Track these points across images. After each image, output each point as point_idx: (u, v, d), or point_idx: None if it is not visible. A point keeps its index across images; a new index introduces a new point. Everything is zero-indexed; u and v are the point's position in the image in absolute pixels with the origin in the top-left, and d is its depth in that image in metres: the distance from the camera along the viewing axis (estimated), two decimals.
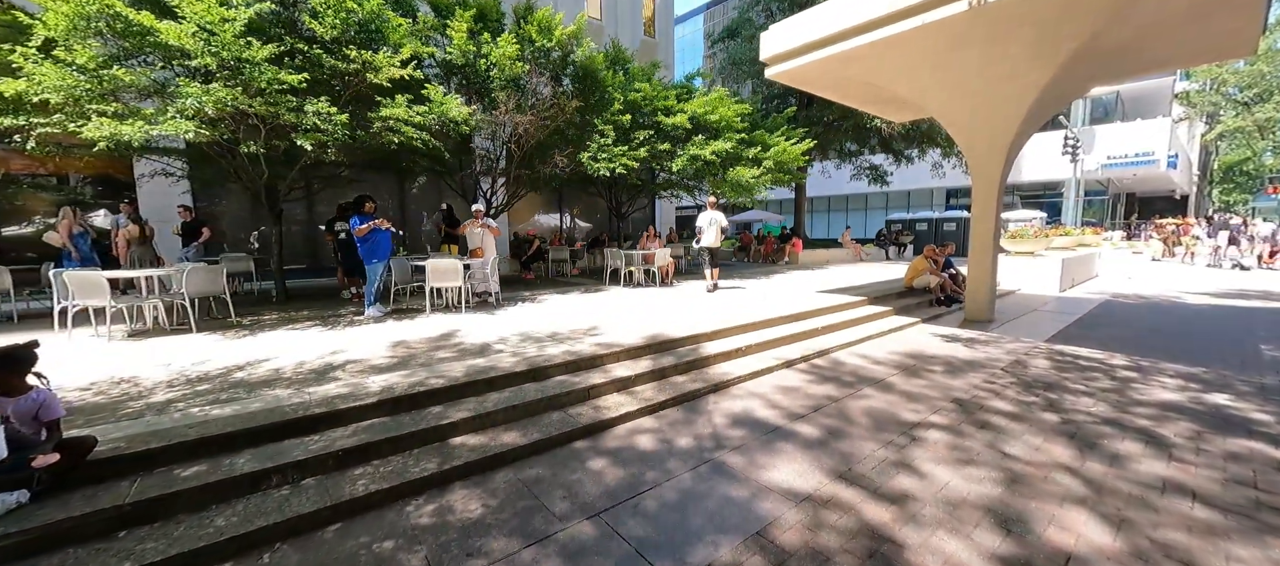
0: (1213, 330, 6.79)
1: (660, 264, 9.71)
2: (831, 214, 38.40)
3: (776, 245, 15.68)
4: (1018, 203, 30.09)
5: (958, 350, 5.76)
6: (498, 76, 7.96)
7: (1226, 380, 4.63)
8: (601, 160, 8.96)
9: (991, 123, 6.76)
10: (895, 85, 7.27)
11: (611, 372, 4.30)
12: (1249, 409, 3.95)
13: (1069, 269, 10.99)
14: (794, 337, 5.83)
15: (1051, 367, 5.05)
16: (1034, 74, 6.06)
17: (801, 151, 12.57)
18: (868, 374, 4.88)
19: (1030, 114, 6.48)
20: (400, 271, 7.06)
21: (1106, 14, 5.23)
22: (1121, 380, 4.66)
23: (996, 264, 7.36)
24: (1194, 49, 6.60)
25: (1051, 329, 6.91)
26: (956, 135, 7.29)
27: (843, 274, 11.94)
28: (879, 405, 4.04)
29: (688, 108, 10.33)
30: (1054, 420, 3.70)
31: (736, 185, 10.77)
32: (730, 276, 11.39)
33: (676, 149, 10.18)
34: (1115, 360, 5.31)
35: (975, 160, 7.12)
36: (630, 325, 5.72)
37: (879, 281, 9.88)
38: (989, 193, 7.05)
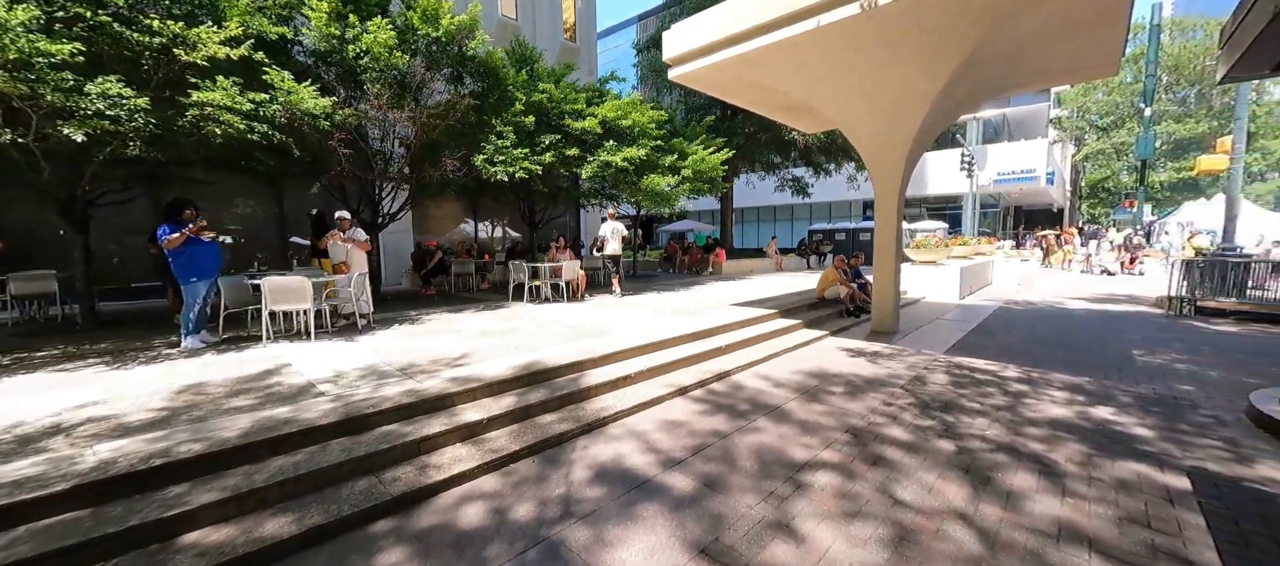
0: (1092, 336, 7.09)
1: (569, 277, 8.99)
2: (760, 224, 39.47)
3: (701, 255, 15.48)
4: (924, 214, 32.36)
5: (861, 366, 5.50)
6: (370, 66, 6.95)
7: (1109, 391, 4.63)
8: (499, 164, 8.13)
9: (889, 133, 6.70)
10: (798, 92, 7.08)
11: (460, 416, 3.52)
12: (1131, 424, 3.86)
13: (967, 277, 11.51)
14: (694, 359, 5.31)
15: (949, 383, 4.86)
16: (924, 84, 6.02)
17: (721, 161, 12.39)
18: (765, 399, 4.42)
19: (924, 126, 6.47)
20: (236, 292, 5.83)
21: (989, 24, 5.22)
22: (1014, 394, 4.52)
23: (899, 274, 7.33)
24: (1067, 67, 6.92)
25: (951, 338, 6.92)
26: (858, 146, 7.21)
27: (762, 284, 11.82)
28: (770, 440, 3.55)
29: (599, 112, 9.76)
30: (949, 450, 3.38)
31: (652, 194, 10.31)
32: (650, 288, 10.89)
33: (587, 155, 9.56)
34: (1009, 372, 5.24)
35: (876, 171, 7.06)
36: (511, 350, 4.95)
37: (794, 292, 9.75)
38: (890, 203, 7.00)
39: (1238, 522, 2.57)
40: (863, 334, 7.25)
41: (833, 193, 28.13)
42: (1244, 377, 5.03)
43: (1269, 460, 3.27)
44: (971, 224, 27.93)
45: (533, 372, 4.26)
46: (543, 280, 9.00)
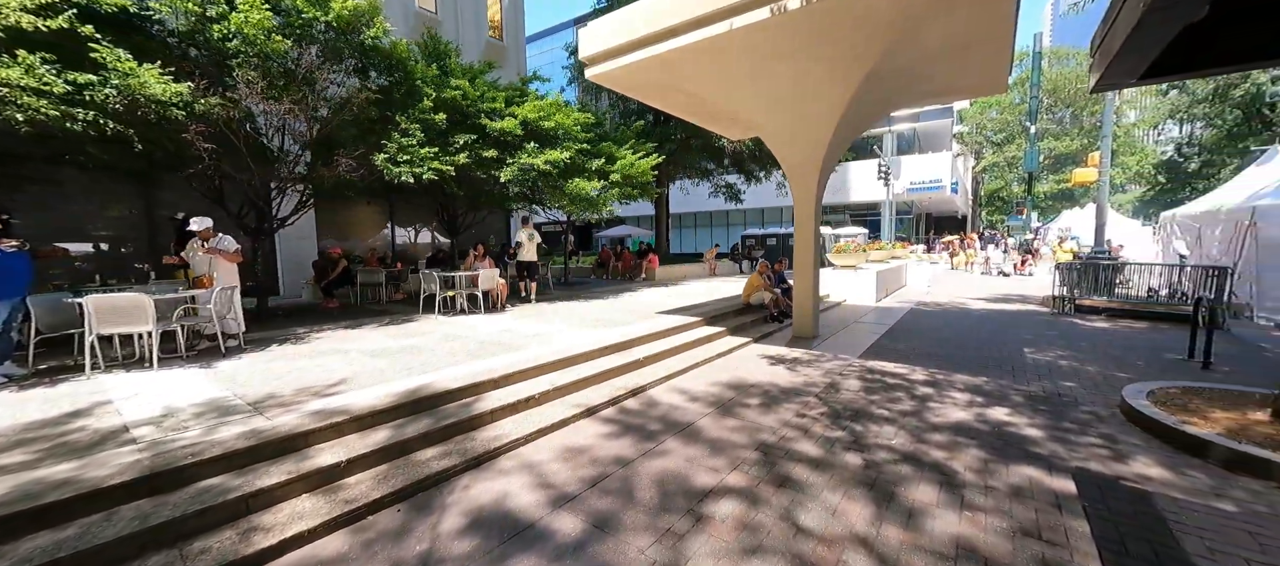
0: (990, 335, 7.54)
1: (487, 287, 8.40)
2: (698, 229, 40.13)
3: (634, 261, 15.28)
4: (848, 220, 34.29)
5: (779, 375, 5.42)
6: (242, 51, 6.07)
7: (1003, 391, 4.81)
8: (403, 164, 7.43)
9: (805, 141, 6.78)
10: (720, 99, 7.01)
11: (312, 459, 2.96)
12: (1023, 424, 3.97)
13: (883, 280, 12.08)
14: (608, 374, 4.99)
15: (861, 389, 4.87)
16: (835, 94, 6.11)
17: (651, 166, 12.25)
18: (679, 417, 4.18)
19: (837, 134, 6.58)
20: (54, 314, 4.79)
21: (890, 38, 5.34)
22: (921, 398, 4.58)
23: (818, 280, 7.43)
24: (963, 84, 7.34)
25: (867, 342, 7.09)
26: (778, 153, 7.25)
27: (694, 290, 11.76)
28: (676, 465, 3.28)
29: (520, 112, 9.25)
30: (857, 464, 3.27)
31: (578, 198, 9.93)
32: (578, 296, 10.48)
33: (507, 157, 9.02)
34: (916, 375, 5.36)
35: (794, 178, 7.12)
36: (402, 372, 4.38)
37: (722, 298, 9.73)
38: (807, 210, 7.07)
39: (1118, 527, 2.60)
40: (785, 339, 7.27)
41: (765, 199, 29.02)
42: (1116, 372, 5.44)
43: (1141, 455, 3.44)
44: (889, 230, 29.90)
45: (418, 399, 3.74)
46: (458, 290, 8.35)
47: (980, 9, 5.06)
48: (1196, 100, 30.07)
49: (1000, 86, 7.38)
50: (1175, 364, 5.81)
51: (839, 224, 31.93)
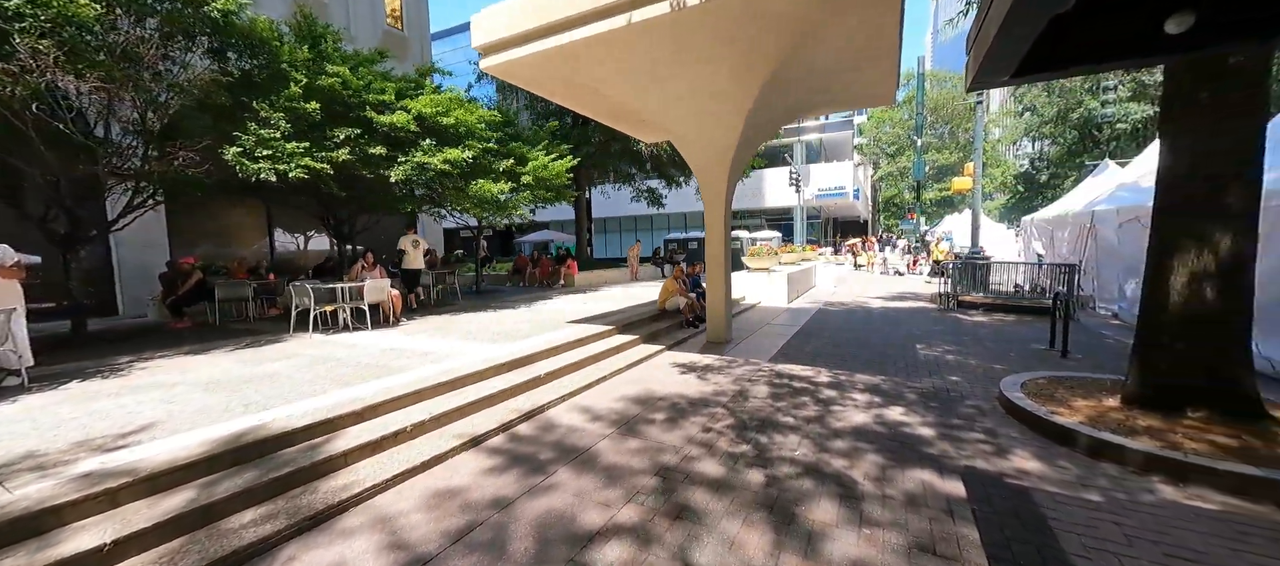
0: (887, 333, 7.93)
1: (374, 299, 7.47)
2: (623, 234, 40.04)
3: (552, 267, 14.68)
4: (764, 224, 35.95)
5: (689, 384, 5.21)
6: (30, 14, 4.82)
7: (899, 389, 4.94)
8: (261, 159, 6.37)
9: (713, 146, 6.70)
10: (625, 97, 6.74)
11: (59, 546, 2.20)
12: (917, 423, 4.04)
13: (794, 282, 12.53)
14: (502, 396, 4.47)
15: (769, 396, 4.77)
16: (739, 98, 6.08)
17: (565, 168, 11.78)
18: (576, 440, 3.78)
19: (744, 137, 6.57)
20: None
21: (787, 45, 5.36)
22: (825, 402, 4.56)
23: (730, 284, 7.40)
24: (857, 94, 7.70)
25: (777, 344, 7.15)
26: (688, 157, 7.13)
27: (612, 296, 11.43)
28: (563, 502, 2.88)
29: (414, 106, 8.40)
30: (759, 483, 3.06)
31: (483, 201, 9.22)
32: (487, 306, 9.72)
33: (399, 155, 8.13)
34: (821, 377, 5.39)
35: (704, 182, 7.03)
36: (238, 410, 3.57)
37: (639, 304, 9.48)
38: (718, 214, 7.01)
39: (1003, 530, 2.58)
40: (699, 345, 7.14)
41: (686, 203, 29.50)
42: (993, 364, 5.84)
43: (1020, 447, 3.57)
44: (800, 233, 31.70)
45: (245, 445, 3.02)
46: (341, 304, 7.34)
47: (868, 22, 5.21)
48: (1044, 121, 35.00)
49: (889, 98, 7.83)
50: (1040, 354, 6.38)
51: (756, 228, 33.33)
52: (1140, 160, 11.33)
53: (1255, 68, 3.50)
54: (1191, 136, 3.70)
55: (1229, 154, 3.55)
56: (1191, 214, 3.67)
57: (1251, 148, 3.54)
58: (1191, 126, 3.70)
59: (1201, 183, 3.64)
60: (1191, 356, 3.66)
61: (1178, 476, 3.08)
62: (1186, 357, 3.68)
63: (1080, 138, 33.02)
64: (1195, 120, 3.68)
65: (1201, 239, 3.61)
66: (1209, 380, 3.60)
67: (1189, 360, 3.67)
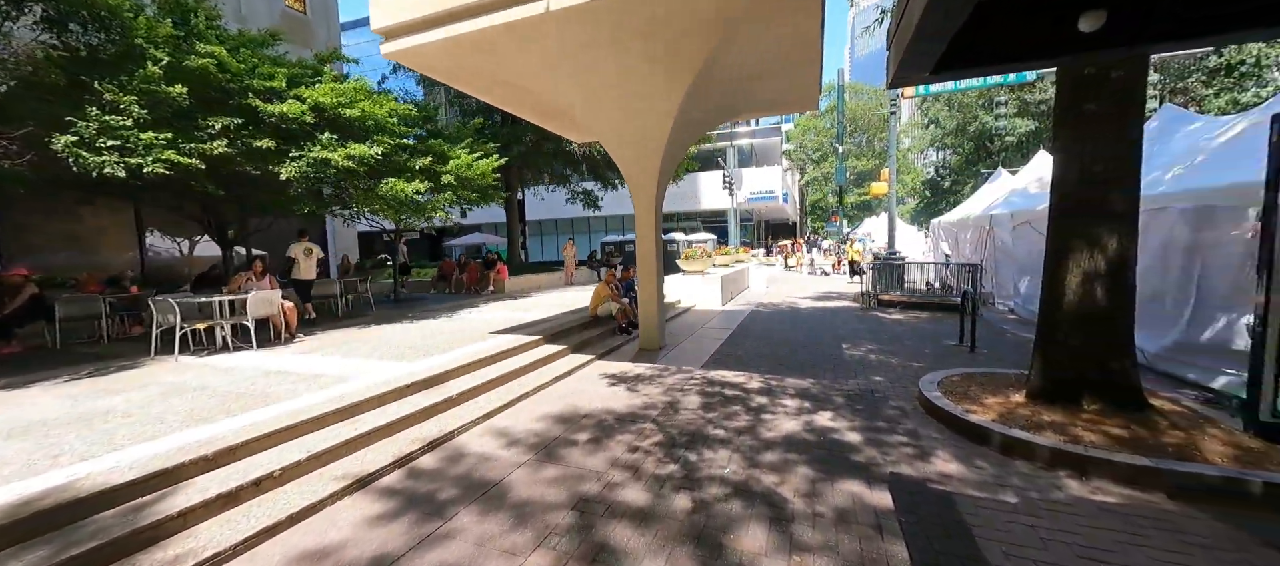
0: (815, 334, 8.10)
1: (262, 313, 6.53)
2: (559, 236, 39.17)
3: (481, 273, 13.86)
4: (700, 226, 36.61)
5: (618, 397, 4.91)
6: None
7: (827, 392, 4.93)
8: (105, 151, 5.33)
9: (642, 147, 6.47)
10: (550, 94, 6.37)
11: None
12: (844, 428, 4.00)
13: (728, 284, 12.65)
14: (403, 423, 3.94)
15: (701, 406, 4.58)
16: (665, 99, 5.90)
17: (492, 168, 11.12)
18: (487, 472, 3.35)
19: (673, 138, 6.40)
20: None
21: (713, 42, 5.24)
22: (756, 410, 4.43)
23: (662, 289, 7.20)
24: (783, 98, 7.81)
25: (710, 349, 7.04)
26: (616, 156, 6.86)
27: (543, 302, 10.92)
28: (461, 553, 2.47)
29: (310, 94, 7.48)
30: (685, 510, 2.82)
31: (395, 202, 8.41)
32: (404, 317, 8.89)
33: (293, 149, 7.20)
34: (753, 383, 5.30)
35: (633, 184, 6.79)
36: (45, 461, 2.80)
37: (572, 310, 9.08)
38: (648, 217, 6.79)
39: (931, 544, 2.50)
40: (631, 353, 6.87)
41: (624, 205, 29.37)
42: (911, 362, 6.06)
43: (940, 449, 3.60)
44: (734, 236, 32.58)
45: (36, 513, 2.34)
46: (218, 321, 6.34)
47: (791, 27, 5.20)
48: (946, 132, 38.37)
49: (813, 104, 8.02)
50: (952, 350, 6.72)
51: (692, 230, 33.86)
52: (1027, 169, 12.54)
53: (1132, 80, 3.76)
54: (1080, 145, 3.93)
55: (1112, 160, 3.80)
56: (1083, 217, 3.90)
57: (1130, 154, 3.81)
58: (1080, 135, 3.93)
59: (1089, 187, 3.87)
60: (1085, 351, 3.88)
61: (1080, 470, 3.20)
62: (1081, 352, 3.90)
63: (976, 148, 36.54)
64: (1083, 130, 3.91)
65: (1091, 240, 3.83)
66: (1101, 373, 3.83)
67: (1083, 354, 3.89)
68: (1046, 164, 12.77)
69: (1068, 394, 3.92)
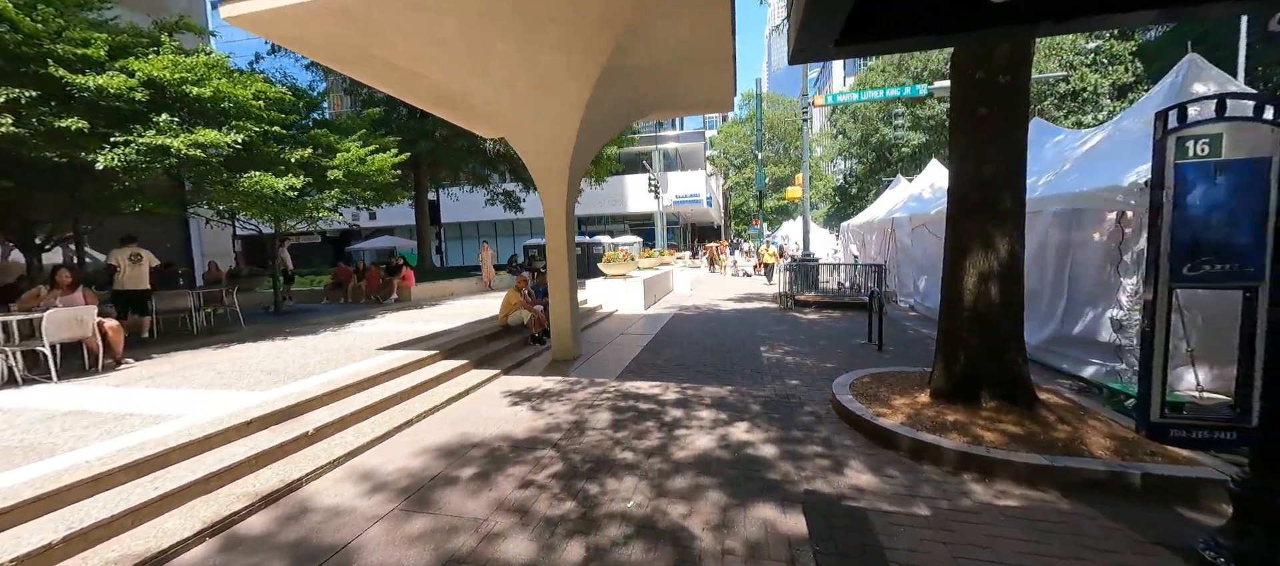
0: (735, 336, 8.02)
1: (69, 335, 5.20)
2: (481, 240, 37.25)
3: (382, 280, 12.52)
4: (628, 229, 36.50)
5: (519, 419, 4.37)
6: None
7: (744, 400, 4.73)
8: None
9: (550, 144, 5.98)
10: (446, 81, 5.68)
11: None
12: (759, 441, 3.77)
13: (652, 288, 12.43)
14: (235, 472, 3.14)
15: (611, 425, 4.17)
16: (574, 88, 5.45)
17: (391, 163, 10.03)
18: (332, 534, 2.69)
19: (584, 135, 5.96)
20: None
21: (621, 29, 4.88)
22: (670, 426, 4.10)
23: (576, 295, 6.72)
24: (700, 97, 7.65)
25: (629, 357, 6.67)
26: (525, 157, 6.32)
27: (453, 311, 10.00)
28: None
29: (142, 67, 6.15)
30: (577, 563, 2.38)
31: (259, 198, 7.20)
32: (279, 332, 7.64)
33: (116, 132, 5.86)
34: (669, 394, 4.98)
35: (543, 184, 6.27)
36: None
37: (481, 319, 8.32)
38: (559, 219, 6.29)
39: None
40: (543, 365, 6.32)
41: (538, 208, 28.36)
42: (825, 363, 6.08)
43: (853, 459, 3.45)
44: (661, 239, 32.81)
45: None
46: (10, 344, 4.94)
47: (700, 18, 4.97)
48: (853, 143, 41.38)
49: (729, 104, 7.95)
50: (862, 349, 6.88)
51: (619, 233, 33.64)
52: (922, 176, 13.56)
53: (1019, 85, 3.89)
54: (974, 148, 4.01)
55: (1002, 162, 3.91)
56: (976, 217, 3.97)
57: (1018, 156, 3.94)
58: (973, 139, 4.01)
59: (983, 189, 3.96)
60: (983, 349, 3.95)
61: (984, 472, 3.17)
62: (979, 351, 3.97)
63: (877, 158, 39.77)
64: (976, 133, 4.00)
65: (985, 241, 3.91)
66: (996, 371, 3.91)
67: (980, 353, 3.96)
68: (939, 172, 13.89)
69: (967, 392, 3.97)
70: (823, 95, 15.44)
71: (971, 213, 4.02)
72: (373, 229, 36.74)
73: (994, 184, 3.91)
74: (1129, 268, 4.78)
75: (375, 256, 29.00)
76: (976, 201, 3.99)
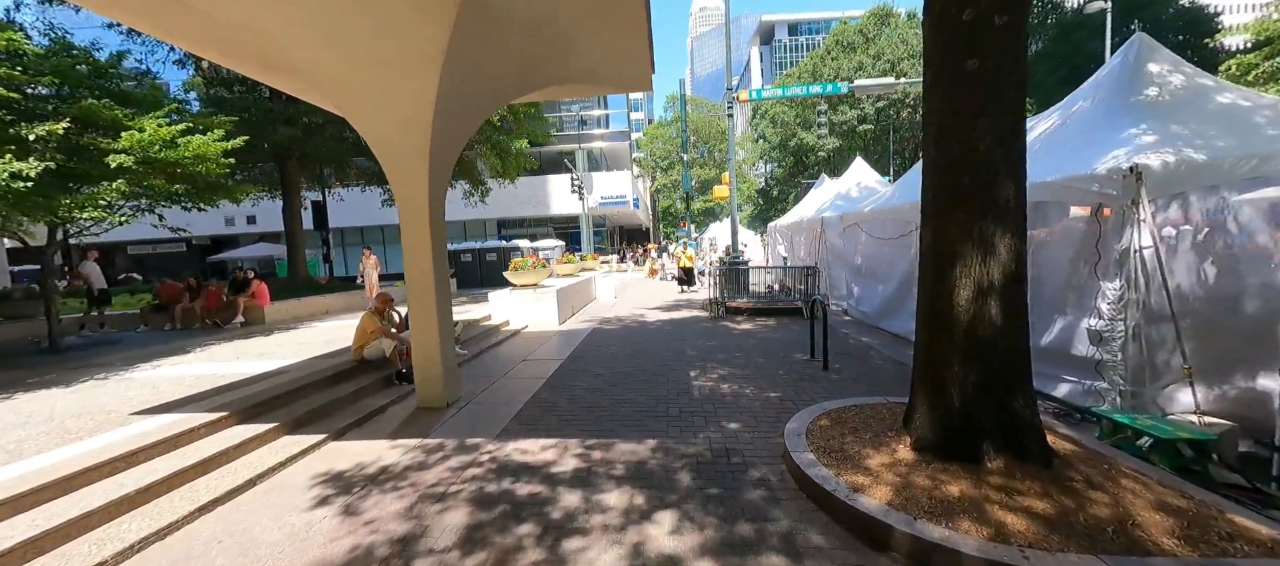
0: (659, 356, 6.75)
1: None
2: (387, 247, 33.50)
3: (224, 299, 9.89)
4: (552, 233, 34.53)
5: (312, 539, 2.73)
6: None
7: (669, 468, 3.40)
8: None
9: (397, 107, 4.33)
10: (248, 22, 3.85)
11: None
12: (692, 555, 2.45)
13: (568, 299, 10.92)
14: None
15: (462, 538, 2.66)
16: (426, 33, 3.87)
17: (219, 150, 7.70)
18: None
19: (448, 104, 4.37)
20: None
21: None
22: (556, 531, 2.68)
23: (448, 319, 5.06)
24: (613, 72, 6.34)
25: (523, 397, 5.15)
26: (368, 137, 4.61)
27: (302, 339, 7.85)
28: None
29: None
30: None
31: None
32: (20, 381, 5.22)
33: None
34: (567, 462, 3.54)
35: (392, 166, 4.60)
36: None
37: (330, 353, 6.36)
38: (420, 216, 4.64)
39: None
40: (400, 418, 4.62)
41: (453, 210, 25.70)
42: (769, 392, 4.95)
43: None
44: (588, 242, 31.24)
45: None
46: None
47: None
48: (773, 147, 42.41)
49: (646, 83, 6.70)
50: (805, 368, 5.88)
51: (542, 236, 31.65)
52: (847, 175, 13.23)
53: (1015, 28, 2.91)
54: (963, 119, 2.98)
55: (999, 133, 2.91)
56: (969, 209, 2.94)
57: (1019, 126, 2.96)
58: (960, 106, 2.99)
59: (976, 172, 2.94)
60: (981, 385, 2.93)
61: None
62: (976, 387, 2.94)
63: (796, 162, 41.06)
64: (963, 98, 2.97)
65: (982, 242, 2.89)
66: (1002, 414, 2.90)
67: (978, 390, 2.94)
68: (864, 170, 13.64)
69: (964, 444, 2.93)
70: (747, 90, 14.78)
71: (961, 202, 2.99)
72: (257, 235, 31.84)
73: (990, 163, 2.90)
74: (1109, 270, 4.08)
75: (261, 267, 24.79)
76: (967, 189, 2.97)
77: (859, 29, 38.40)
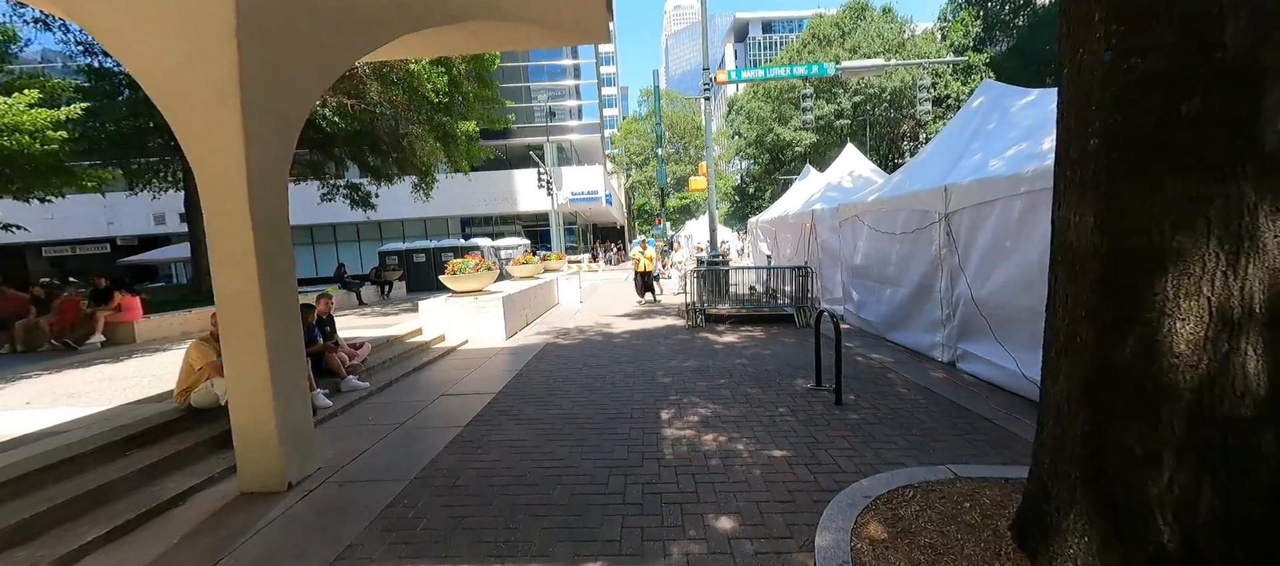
0: (621, 388, 5.22)
1: None
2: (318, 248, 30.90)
3: (82, 314, 7.87)
4: (520, 230, 32.59)
5: None
6: None
7: None
8: None
9: (173, 19, 2.64)
10: None
11: None
12: None
13: (519, 307, 9.26)
14: None
15: None
16: None
17: (46, 119, 5.77)
18: None
19: (256, 14, 2.71)
20: None
21: None
22: None
23: (292, 363, 3.37)
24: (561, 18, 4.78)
25: (418, 461, 3.53)
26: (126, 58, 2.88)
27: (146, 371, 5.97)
28: None
29: None
30: None
31: None
32: None
33: None
34: None
35: (181, 124, 2.90)
36: None
37: (150, 397, 4.57)
38: (230, 201, 2.95)
39: None
40: (204, 513, 2.94)
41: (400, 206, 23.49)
42: (769, 448, 3.47)
43: None
44: (558, 240, 29.45)
45: None
46: None
47: None
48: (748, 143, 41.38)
49: (602, 33, 5.17)
50: (811, 398, 4.45)
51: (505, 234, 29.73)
52: (836, 165, 11.96)
53: None
54: None
55: None
56: (1202, 167, 1.50)
57: None
58: None
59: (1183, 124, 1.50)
60: (1231, 513, 1.49)
61: None
62: (1215, 516, 1.50)
63: (772, 158, 40.12)
64: None
65: (1235, 230, 1.45)
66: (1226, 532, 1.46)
67: (1225, 525, 1.50)
68: (855, 158, 12.45)
69: None
70: (724, 71, 13.37)
71: (1184, 149, 1.54)
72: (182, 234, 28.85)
73: (1257, 63, 1.46)
74: None
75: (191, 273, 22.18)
76: (1177, 143, 1.53)
77: (835, 22, 37.68)
